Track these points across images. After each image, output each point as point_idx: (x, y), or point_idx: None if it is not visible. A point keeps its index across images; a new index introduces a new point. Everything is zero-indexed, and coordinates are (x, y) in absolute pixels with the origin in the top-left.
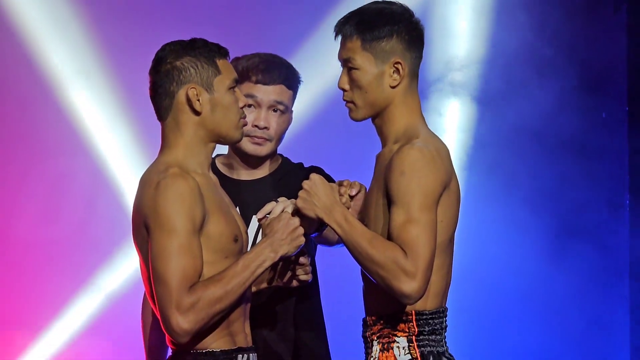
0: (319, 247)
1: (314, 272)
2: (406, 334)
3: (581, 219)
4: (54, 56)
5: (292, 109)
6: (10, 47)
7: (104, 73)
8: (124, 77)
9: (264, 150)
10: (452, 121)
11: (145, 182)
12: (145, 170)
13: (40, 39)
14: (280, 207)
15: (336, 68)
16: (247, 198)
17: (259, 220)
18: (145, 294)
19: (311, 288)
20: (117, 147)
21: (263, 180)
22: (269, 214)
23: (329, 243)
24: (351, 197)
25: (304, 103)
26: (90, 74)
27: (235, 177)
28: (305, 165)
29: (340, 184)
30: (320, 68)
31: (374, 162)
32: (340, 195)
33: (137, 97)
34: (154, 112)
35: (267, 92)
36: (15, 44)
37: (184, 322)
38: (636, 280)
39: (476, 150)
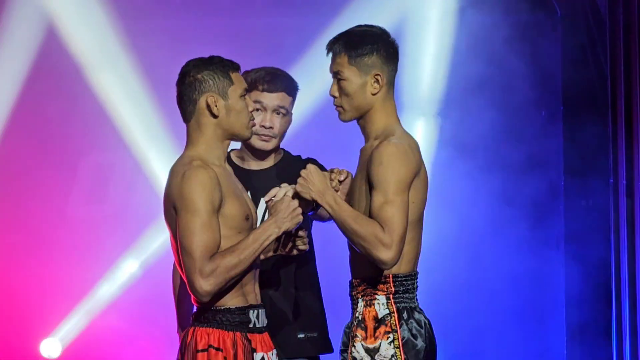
0: (314, 222)
1: (310, 243)
2: (385, 293)
3: (523, 195)
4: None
5: (292, 111)
6: (64, 61)
7: (144, 88)
8: (158, 89)
9: (269, 145)
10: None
11: (173, 172)
12: (173, 162)
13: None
14: (282, 191)
15: (327, 79)
16: (256, 184)
17: (266, 202)
18: (174, 262)
19: (308, 256)
20: (151, 143)
21: (269, 169)
22: (274, 196)
23: (322, 219)
24: (340, 182)
25: (301, 107)
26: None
27: (246, 167)
28: (303, 157)
29: (332, 171)
30: (314, 79)
31: (358, 155)
32: (331, 180)
33: (168, 103)
34: (180, 115)
35: (272, 99)
36: (68, 57)
37: (206, 285)
38: (570, 245)
39: (440, 148)
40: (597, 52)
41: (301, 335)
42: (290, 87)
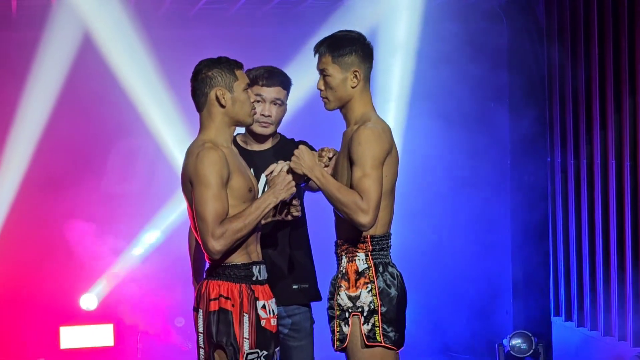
0: (305, 193)
1: (302, 210)
2: (364, 251)
3: (477, 172)
4: (130, 72)
5: (287, 102)
6: (97, 62)
7: (164, 84)
8: (175, 85)
9: (268, 130)
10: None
11: (189, 153)
12: (189, 145)
13: (118, 58)
14: (279, 167)
15: (315, 75)
16: (257, 162)
17: (266, 176)
18: (190, 228)
19: (300, 221)
20: (169, 130)
21: (268, 150)
22: (272, 171)
23: (312, 190)
24: (329, 159)
25: (294, 98)
26: (154, 84)
27: (249, 148)
28: (296, 140)
29: (322, 150)
30: (305, 75)
31: (341, 137)
32: (322, 157)
33: (184, 97)
34: (194, 106)
35: (270, 92)
36: (100, 59)
37: (217, 245)
38: (515, 213)
39: (406, 134)
40: (536, 54)
41: (295, 286)
42: (285, 82)
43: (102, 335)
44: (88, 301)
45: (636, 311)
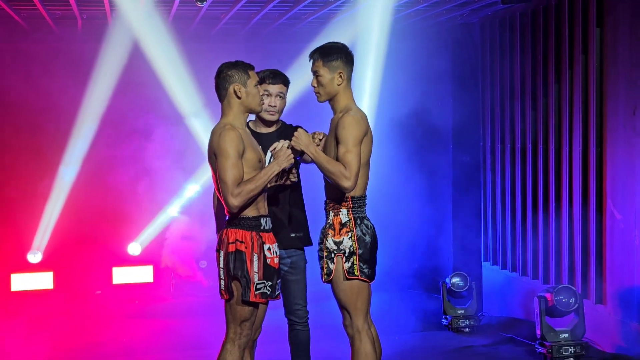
0: (302, 165)
1: (298, 177)
2: (346, 207)
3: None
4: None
5: (287, 96)
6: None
7: (194, 83)
8: (203, 83)
9: (274, 118)
10: None
11: (213, 133)
12: (213, 127)
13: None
14: (281, 144)
15: (307, 77)
16: (264, 142)
17: (271, 151)
18: (214, 191)
19: (297, 184)
20: (197, 118)
21: (273, 133)
22: (276, 147)
23: (306, 162)
24: (320, 140)
25: (293, 93)
26: (187, 83)
27: (258, 131)
28: (294, 125)
29: (315, 133)
30: (301, 75)
31: (329, 123)
32: (314, 138)
33: (209, 92)
34: (216, 99)
35: (274, 88)
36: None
37: (234, 201)
38: (455, 190)
39: (376, 122)
40: (473, 65)
41: (293, 235)
42: (286, 81)
43: (144, 274)
44: (134, 248)
45: (545, 257)
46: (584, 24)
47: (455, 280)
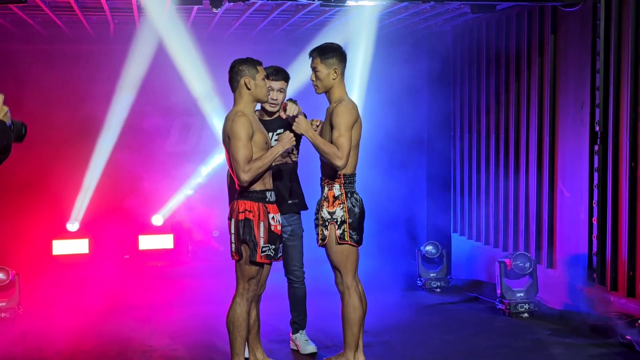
0: (301, 149)
1: (300, 156)
2: (339, 183)
3: (402, 146)
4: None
5: (287, 90)
6: (167, 65)
7: (211, 78)
8: (218, 78)
9: (275, 109)
10: None
11: (227, 119)
12: (226, 114)
13: (182, 62)
14: (294, 108)
15: (305, 74)
16: (268, 127)
17: (276, 135)
18: (228, 170)
19: (297, 163)
20: (212, 108)
21: (274, 120)
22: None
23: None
24: (317, 126)
25: (293, 87)
26: (204, 79)
27: (263, 119)
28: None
29: (313, 120)
30: (301, 71)
31: (325, 111)
32: (312, 124)
33: (222, 84)
34: (229, 92)
35: (276, 84)
36: (169, 62)
37: (245, 176)
38: (429, 173)
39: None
40: (446, 65)
41: (290, 202)
42: (286, 77)
43: (165, 241)
44: (157, 219)
45: (504, 229)
46: (540, 31)
47: (429, 248)
